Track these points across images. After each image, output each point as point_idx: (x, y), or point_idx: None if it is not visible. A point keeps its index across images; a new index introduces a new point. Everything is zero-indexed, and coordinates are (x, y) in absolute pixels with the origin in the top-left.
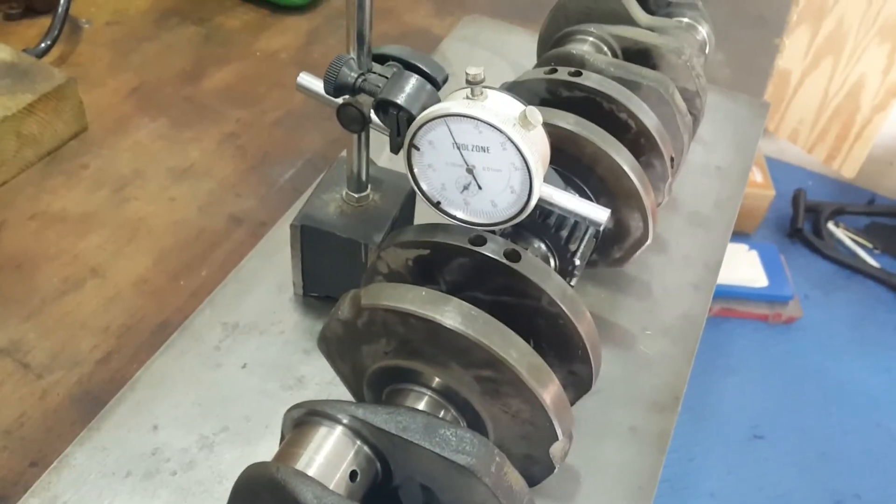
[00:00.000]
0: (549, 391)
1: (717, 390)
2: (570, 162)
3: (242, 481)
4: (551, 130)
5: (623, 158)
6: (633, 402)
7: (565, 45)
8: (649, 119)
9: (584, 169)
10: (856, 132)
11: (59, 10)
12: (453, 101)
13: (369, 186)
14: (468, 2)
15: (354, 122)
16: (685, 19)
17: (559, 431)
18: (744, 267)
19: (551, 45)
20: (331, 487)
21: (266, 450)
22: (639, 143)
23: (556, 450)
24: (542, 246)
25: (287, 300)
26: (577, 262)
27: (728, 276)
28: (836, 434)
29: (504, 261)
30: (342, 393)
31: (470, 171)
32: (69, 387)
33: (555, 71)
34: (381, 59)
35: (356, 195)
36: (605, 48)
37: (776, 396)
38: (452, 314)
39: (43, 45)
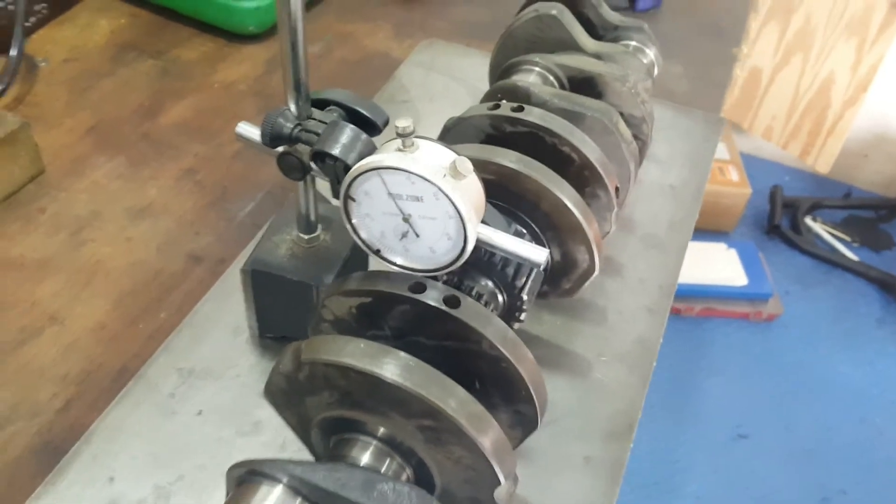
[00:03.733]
0: (489, 437)
1: (700, 391)
2: (514, 199)
3: None
4: (495, 169)
5: (565, 194)
6: (587, 432)
7: (512, 76)
8: (592, 151)
9: (529, 205)
10: (828, 127)
11: (13, 52)
12: (385, 154)
13: (319, 227)
14: (428, 25)
15: (294, 170)
16: (633, 43)
17: (501, 476)
18: (723, 266)
19: (500, 74)
20: None
21: (220, 498)
22: (583, 175)
23: (500, 493)
24: (490, 284)
25: (243, 342)
26: (525, 298)
27: (708, 275)
28: (821, 430)
29: (444, 307)
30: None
31: (406, 219)
32: (29, 437)
33: (498, 106)
34: (322, 104)
35: (306, 236)
36: (552, 77)
37: (760, 395)
38: (391, 367)
39: None
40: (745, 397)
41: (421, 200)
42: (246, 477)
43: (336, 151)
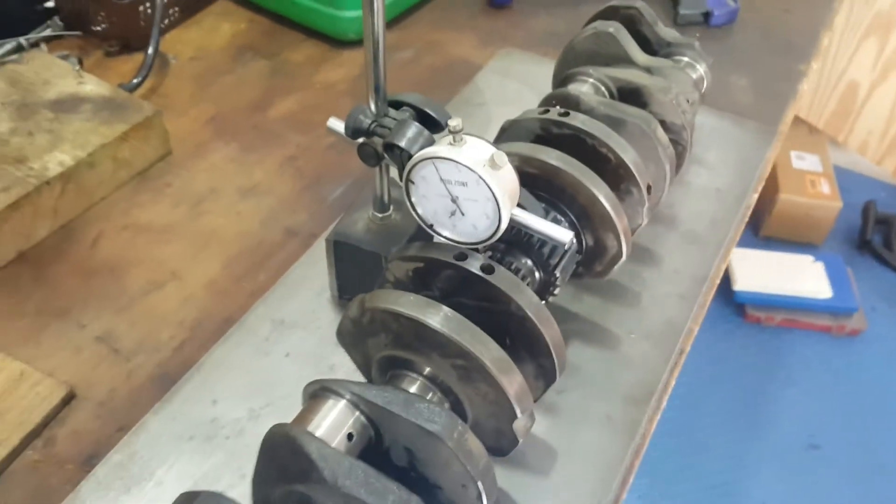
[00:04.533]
0: (510, 378)
1: (774, 400)
2: (556, 191)
3: (267, 438)
4: (539, 164)
5: (598, 189)
6: (611, 396)
7: (568, 85)
8: (626, 152)
9: (568, 197)
10: None
11: (150, 50)
12: (439, 146)
13: (391, 207)
14: (509, 35)
15: (370, 158)
16: (684, 59)
17: (518, 410)
18: (808, 278)
19: (559, 83)
20: (332, 445)
21: None
22: (618, 173)
23: (518, 426)
24: (529, 262)
25: (325, 301)
26: (559, 275)
27: (792, 286)
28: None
29: (480, 273)
30: (362, 378)
31: (454, 200)
32: (150, 368)
33: (547, 111)
34: (397, 104)
35: (380, 215)
36: (603, 87)
37: (836, 408)
38: (433, 315)
39: (135, 80)
40: (821, 409)
41: (466, 185)
42: (318, 392)
43: (402, 143)
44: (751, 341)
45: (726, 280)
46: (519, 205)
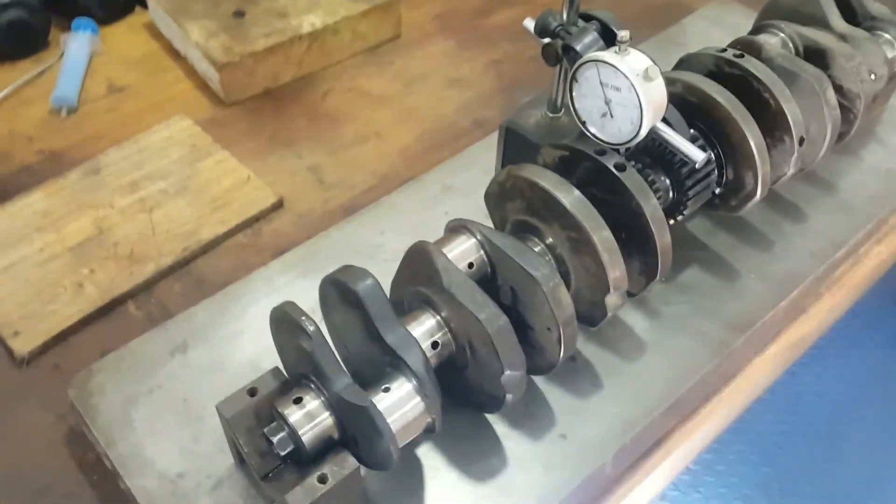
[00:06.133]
0: (611, 256)
1: None
2: (711, 123)
3: (410, 249)
4: (700, 95)
5: (749, 129)
6: (713, 317)
7: (759, 34)
8: (787, 102)
9: (720, 130)
10: None
11: None
12: (605, 53)
13: (563, 110)
14: None
15: (551, 58)
16: (885, 34)
17: (612, 286)
18: None
19: (752, 30)
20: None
21: None
22: (776, 120)
23: (609, 300)
24: (667, 181)
25: (488, 179)
26: (690, 196)
27: None
28: None
29: (613, 170)
30: None
31: (607, 103)
32: (342, 201)
33: (725, 50)
34: (588, 18)
35: (551, 115)
36: (790, 43)
37: None
38: (562, 191)
39: None
40: None
41: (619, 91)
42: (456, 227)
43: (577, 47)
44: None
45: None
46: (668, 122)
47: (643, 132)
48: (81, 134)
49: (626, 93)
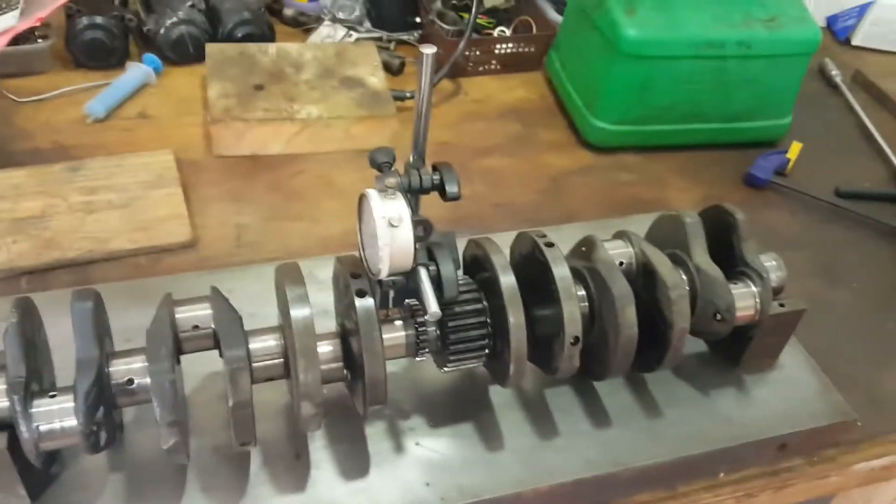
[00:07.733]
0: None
1: None
2: (494, 299)
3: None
4: (493, 273)
5: (515, 317)
6: None
7: (614, 239)
8: (568, 301)
9: (503, 309)
10: None
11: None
12: (373, 191)
13: None
14: None
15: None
16: (752, 286)
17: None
18: None
19: (615, 234)
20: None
21: None
22: (556, 313)
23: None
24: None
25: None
26: (451, 351)
27: None
28: None
29: (355, 296)
30: None
31: (371, 236)
32: (243, 260)
33: (543, 236)
34: (435, 167)
35: None
36: (632, 250)
37: None
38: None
39: (408, 94)
40: None
41: (374, 228)
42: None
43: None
44: None
45: None
46: (437, 274)
47: (384, 272)
48: (93, 140)
49: (378, 231)
